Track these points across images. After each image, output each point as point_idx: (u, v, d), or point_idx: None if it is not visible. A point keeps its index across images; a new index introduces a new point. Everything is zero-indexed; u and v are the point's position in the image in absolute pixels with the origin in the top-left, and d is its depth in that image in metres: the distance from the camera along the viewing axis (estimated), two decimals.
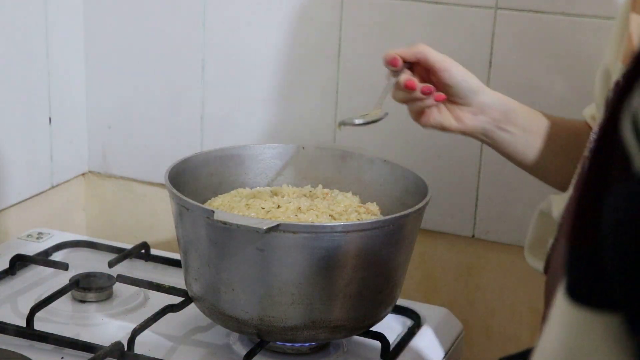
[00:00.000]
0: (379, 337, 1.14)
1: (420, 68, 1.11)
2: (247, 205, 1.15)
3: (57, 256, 1.38)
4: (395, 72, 1.09)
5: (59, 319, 1.20)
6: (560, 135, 1.12)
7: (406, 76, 1.09)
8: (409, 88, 1.08)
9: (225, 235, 1.03)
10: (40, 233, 1.45)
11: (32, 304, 1.17)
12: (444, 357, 1.22)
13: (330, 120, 1.43)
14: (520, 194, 1.35)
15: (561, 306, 0.52)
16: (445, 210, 1.39)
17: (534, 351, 0.55)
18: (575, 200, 0.52)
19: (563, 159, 1.11)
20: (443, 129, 1.11)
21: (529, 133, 1.11)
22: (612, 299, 0.48)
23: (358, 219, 1.14)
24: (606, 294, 0.48)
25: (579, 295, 0.50)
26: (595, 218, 0.48)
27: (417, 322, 1.23)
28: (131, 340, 1.10)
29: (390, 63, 1.09)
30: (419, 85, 1.09)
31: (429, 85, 1.09)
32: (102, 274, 1.27)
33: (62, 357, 1.12)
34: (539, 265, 1.08)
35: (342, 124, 1.09)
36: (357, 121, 1.09)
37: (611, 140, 0.48)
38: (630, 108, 0.46)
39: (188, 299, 1.18)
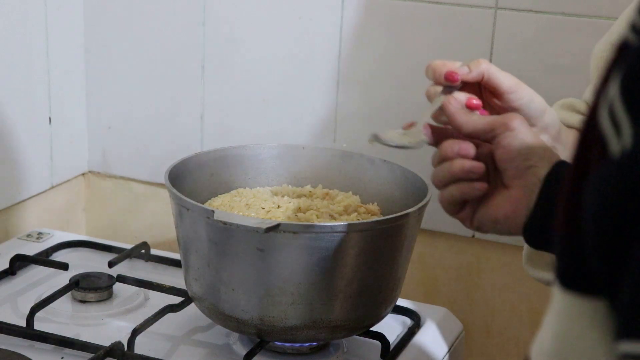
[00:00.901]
0: (379, 337, 1.14)
1: (473, 88, 0.95)
2: (247, 205, 1.15)
3: (57, 256, 1.38)
4: (448, 90, 0.93)
5: (59, 319, 1.20)
6: None
7: (465, 94, 0.93)
8: (472, 108, 0.92)
9: (225, 235, 1.03)
10: (40, 233, 1.45)
11: (32, 304, 1.17)
12: (444, 357, 1.22)
13: (330, 120, 1.43)
14: None
15: (554, 293, 0.53)
16: None
17: (535, 339, 0.56)
18: (563, 187, 0.53)
19: None
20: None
21: (568, 149, 0.98)
22: (597, 284, 0.49)
23: (358, 219, 1.14)
24: (592, 280, 0.50)
25: (567, 281, 0.52)
26: (579, 204, 0.49)
27: (417, 322, 1.23)
28: (131, 340, 1.10)
29: (448, 78, 0.92)
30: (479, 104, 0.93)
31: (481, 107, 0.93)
32: (102, 274, 1.27)
33: (62, 357, 1.12)
34: (542, 274, 0.95)
35: (375, 139, 0.94)
36: (390, 142, 0.93)
37: (592, 129, 0.50)
38: (607, 97, 0.48)
39: (188, 299, 1.18)
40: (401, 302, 1.23)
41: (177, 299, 1.20)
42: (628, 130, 0.46)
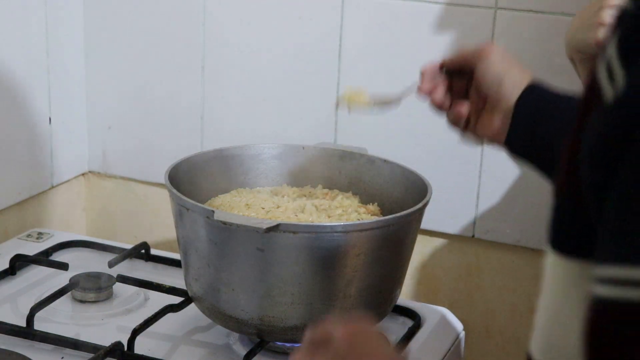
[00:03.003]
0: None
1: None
2: (247, 205, 1.15)
3: (57, 256, 1.38)
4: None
5: (59, 319, 1.20)
6: None
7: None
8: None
9: (225, 235, 1.03)
10: (40, 233, 1.45)
11: (32, 304, 1.17)
12: (444, 357, 1.22)
13: (330, 120, 1.43)
14: (520, 194, 1.35)
15: (547, 258, 0.55)
16: (445, 210, 1.39)
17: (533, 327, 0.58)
18: (561, 156, 0.56)
19: None
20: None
21: None
22: (584, 246, 0.52)
23: (358, 219, 1.14)
24: (580, 242, 0.52)
25: (557, 244, 0.55)
26: (573, 166, 0.52)
27: (417, 322, 1.23)
28: (131, 340, 1.10)
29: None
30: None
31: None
32: (102, 274, 1.27)
33: (62, 357, 1.12)
34: None
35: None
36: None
37: (591, 89, 0.53)
38: (605, 56, 0.51)
39: (188, 299, 1.18)
40: (401, 302, 1.23)
41: (177, 299, 1.20)
42: (621, 79, 0.49)
